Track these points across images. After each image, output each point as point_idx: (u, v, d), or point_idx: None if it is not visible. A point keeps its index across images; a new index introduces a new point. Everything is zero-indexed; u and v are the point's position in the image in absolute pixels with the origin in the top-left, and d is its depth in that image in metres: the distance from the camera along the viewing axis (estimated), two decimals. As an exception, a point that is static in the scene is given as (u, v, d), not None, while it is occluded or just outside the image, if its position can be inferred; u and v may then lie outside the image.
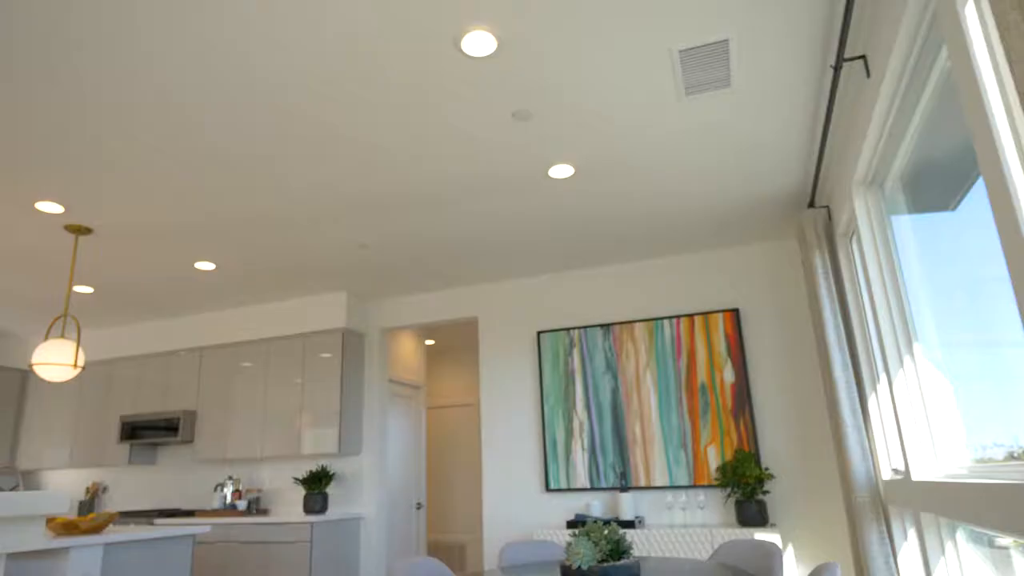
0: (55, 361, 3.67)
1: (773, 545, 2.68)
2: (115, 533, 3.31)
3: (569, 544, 2.48)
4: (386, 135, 3.07)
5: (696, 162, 3.47)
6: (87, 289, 5.14)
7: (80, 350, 3.79)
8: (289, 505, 5.40)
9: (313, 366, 5.34)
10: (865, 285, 3.43)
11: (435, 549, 7.06)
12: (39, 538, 2.71)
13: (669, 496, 4.30)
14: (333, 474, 5.13)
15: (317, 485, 5.02)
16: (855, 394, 3.38)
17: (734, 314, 4.51)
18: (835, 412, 3.50)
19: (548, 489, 4.66)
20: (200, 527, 3.78)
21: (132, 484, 6.10)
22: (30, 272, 4.71)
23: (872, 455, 3.37)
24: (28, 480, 6.69)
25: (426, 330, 6.18)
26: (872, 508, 3.20)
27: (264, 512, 5.33)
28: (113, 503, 6.11)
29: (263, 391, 5.46)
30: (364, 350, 5.59)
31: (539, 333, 5.01)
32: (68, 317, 4.18)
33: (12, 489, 6.37)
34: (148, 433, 5.63)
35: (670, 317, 4.67)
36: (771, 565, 2.63)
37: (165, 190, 3.54)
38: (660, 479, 4.39)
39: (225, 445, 5.46)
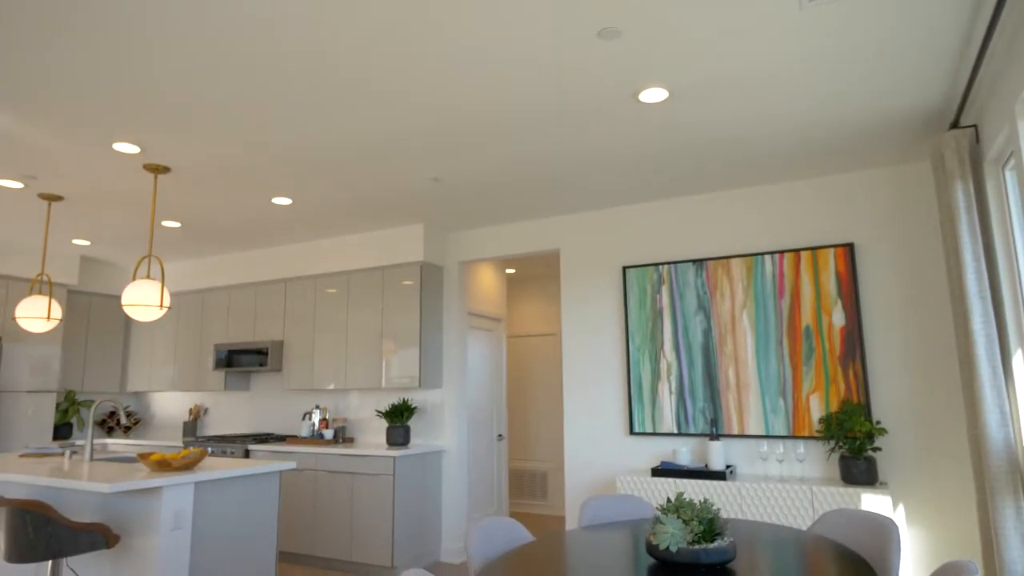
0: (142, 302, 3.73)
1: (890, 522, 2.37)
2: (205, 471, 3.41)
3: (656, 521, 2.28)
4: (460, 61, 2.74)
5: (816, 78, 2.94)
6: (174, 224, 5.22)
7: (165, 290, 3.83)
8: (373, 434, 5.53)
9: (392, 299, 5.29)
10: (1021, 223, 2.87)
11: (516, 477, 7.16)
12: (138, 479, 2.73)
13: (764, 446, 4.02)
14: (414, 407, 5.15)
15: (399, 418, 5.07)
16: (996, 350, 2.91)
17: (847, 249, 4.00)
18: (970, 368, 3.05)
19: (632, 432, 4.48)
20: (286, 463, 3.87)
21: (229, 408, 6.44)
22: (120, 209, 4.81)
23: (1013, 420, 2.92)
24: (139, 400, 7.21)
25: (507, 259, 5.97)
26: (1009, 479, 2.80)
27: (350, 441, 5.48)
28: (213, 425, 6.49)
29: (344, 323, 5.49)
30: (443, 283, 5.47)
31: (625, 268, 4.69)
32: (152, 257, 4.28)
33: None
34: (241, 361, 5.84)
35: (772, 252, 4.21)
36: (885, 546, 2.33)
37: (238, 128, 3.40)
38: (755, 427, 4.10)
39: (311, 375, 5.59)
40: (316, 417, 5.54)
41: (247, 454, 5.33)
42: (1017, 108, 2.48)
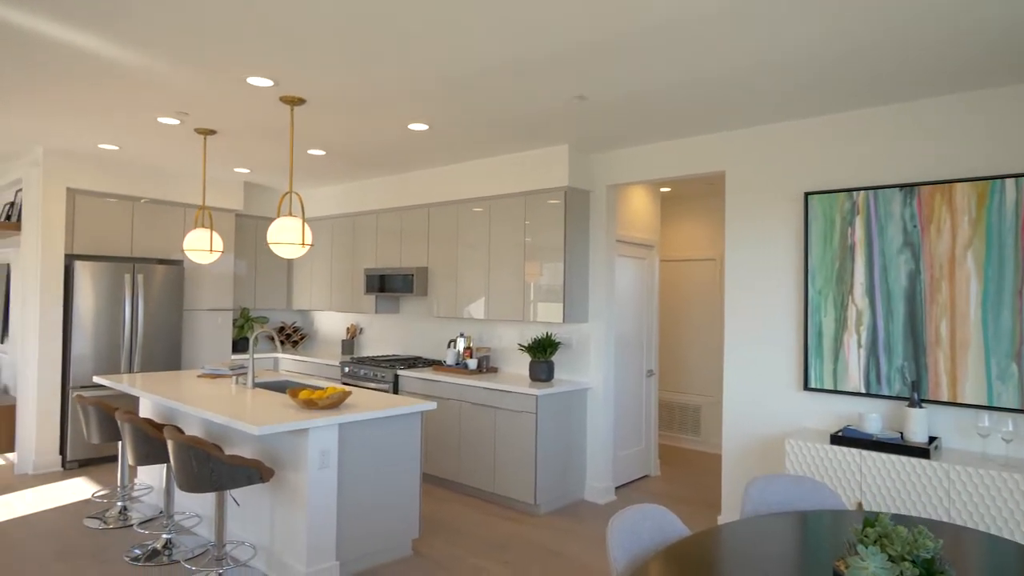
0: (284, 240, 3.71)
1: None
2: (348, 413, 3.41)
3: (850, 548, 1.80)
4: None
5: None
6: (319, 152, 5.20)
7: (307, 227, 3.78)
8: (517, 365, 5.38)
9: (535, 227, 4.94)
10: None
11: (666, 409, 6.79)
12: (285, 422, 2.64)
13: (985, 419, 3.25)
14: (558, 342, 4.89)
15: (542, 353, 4.84)
16: None
17: None
18: None
19: (807, 388, 3.87)
20: (427, 404, 3.80)
21: (381, 328, 6.63)
22: (267, 140, 4.83)
23: None
24: (304, 317, 7.69)
25: (661, 182, 5.30)
26: None
27: (493, 371, 5.39)
28: (368, 344, 6.75)
29: (486, 250, 5.26)
30: (589, 209, 5.01)
31: (807, 195, 3.91)
32: (293, 193, 4.30)
33: (292, 327, 7.36)
34: (389, 285, 5.90)
35: (1015, 176, 3.23)
36: None
37: (368, 56, 3.09)
38: (972, 395, 3.33)
39: (455, 303, 5.50)
40: (460, 345, 5.49)
41: (396, 379, 5.44)
42: None
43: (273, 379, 4.72)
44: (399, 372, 5.42)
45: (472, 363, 5.25)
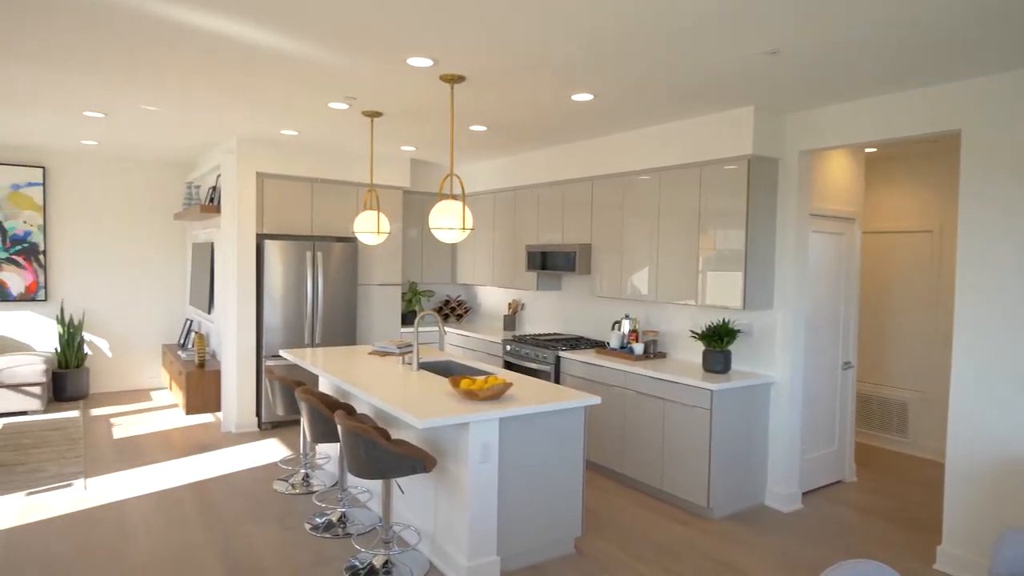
0: (445, 225, 3.61)
1: None
2: (509, 407, 3.26)
3: None
4: None
5: None
6: (481, 128, 5.06)
7: (467, 211, 3.64)
8: (688, 351, 4.94)
9: (712, 202, 4.42)
10: None
11: (864, 405, 5.95)
12: (446, 416, 2.50)
13: None
14: (737, 331, 4.37)
15: (718, 342, 4.37)
16: None
17: None
18: None
19: (1072, 404, 3.05)
20: (591, 399, 3.55)
21: (543, 305, 6.47)
22: (429, 119, 4.78)
23: None
24: (468, 291, 7.77)
25: (871, 144, 4.46)
26: None
27: (661, 357, 5.00)
28: (529, 321, 6.64)
29: (655, 228, 4.83)
30: (777, 179, 4.37)
31: (1083, 157, 3.02)
32: (454, 176, 4.22)
33: (456, 305, 7.46)
34: (551, 263, 5.70)
35: None
36: None
37: (531, 26, 2.83)
38: None
39: (619, 283, 5.16)
40: (626, 327, 5.16)
41: (558, 361, 5.26)
42: None
43: (437, 359, 4.74)
44: (561, 354, 5.23)
45: (638, 348, 4.90)
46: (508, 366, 5.85)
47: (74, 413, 6.35)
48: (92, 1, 2.66)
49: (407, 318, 7.10)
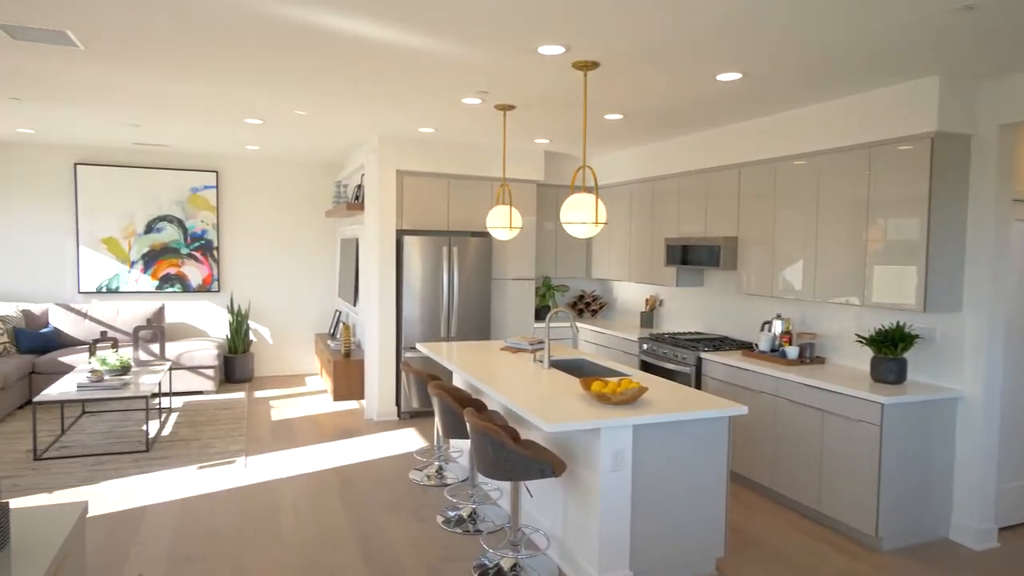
0: (578, 220, 3.44)
1: None
2: (643, 414, 3.03)
3: None
4: None
5: None
6: (616, 116, 4.82)
7: (600, 205, 3.45)
8: (852, 357, 4.39)
9: (883, 188, 3.86)
10: None
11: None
12: (576, 420, 2.37)
13: None
14: (914, 336, 3.79)
15: (890, 349, 3.81)
16: None
17: None
18: None
19: None
20: (737, 408, 3.22)
21: (682, 303, 6.10)
22: (561, 109, 4.62)
23: None
24: (603, 285, 7.54)
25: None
26: None
27: (819, 362, 4.48)
28: (668, 318, 6.29)
29: (814, 218, 4.33)
30: (969, 159, 3.72)
31: None
32: (587, 168, 3.99)
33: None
34: (692, 257, 5.33)
35: None
36: None
37: (669, 4, 2.59)
38: None
39: (770, 280, 4.69)
40: (777, 328, 4.69)
41: (699, 363, 4.90)
42: None
43: (569, 358, 4.59)
44: (703, 355, 4.87)
45: (792, 351, 4.43)
46: (644, 366, 5.57)
47: (240, 395, 6.98)
48: (250, 16, 2.79)
49: (540, 313, 7.02)
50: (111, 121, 5.46)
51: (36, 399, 4.69)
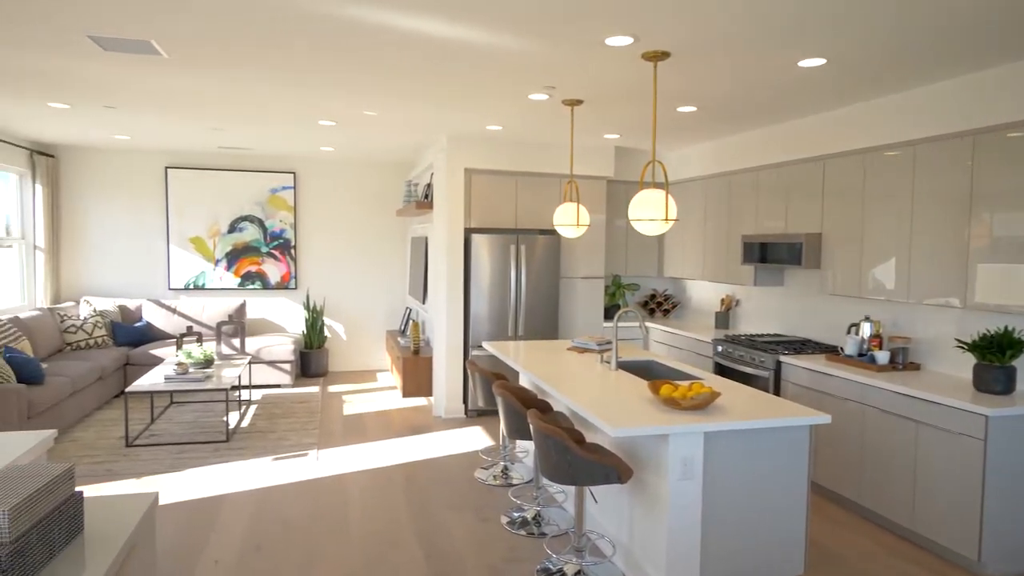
0: (646, 216, 3.30)
1: None
2: (715, 421, 2.87)
3: None
4: None
5: None
6: (689, 108, 4.63)
7: (670, 200, 3.30)
8: (951, 364, 4.03)
9: (989, 178, 3.51)
10: None
11: None
12: (643, 425, 2.25)
13: None
14: (1024, 341, 3.43)
15: (996, 355, 3.46)
16: None
17: None
18: None
19: None
20: (819, 417, 3.00)
21: (760, 303, 5.81)
22: (631, 102, 4.48)
23: None
24: (676, 284, 7.30)
25: None
26: None
27: (913, 368, 4.14)
28: (745, 319, 6.01)
29: (908, 212, 4.00)
30: (1090, 145, 3.33)
31: None
32: (656, 162, 3.82)
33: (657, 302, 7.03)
34: (771, 255, 5.06)
35: None
36: None
37: (728, -21, 2.43)
38: None
39: (858, 279, 4.38)
40: (866, 331, 4.37)
41: (778, 367, 4.64)
42: None
43: (638, 359, 4.45)
44: (782, 358, 4.60)
45: (882, 356, 4.11)
46: (719, 369, 5.34)
47: (315, 389, 7.19)
48: (322, 20, 2.83)
49: (610, 312, 6.87)
50: (196, 126, 5.73)
51: (128, 390, 4.98)
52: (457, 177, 6.04)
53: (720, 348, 5.31)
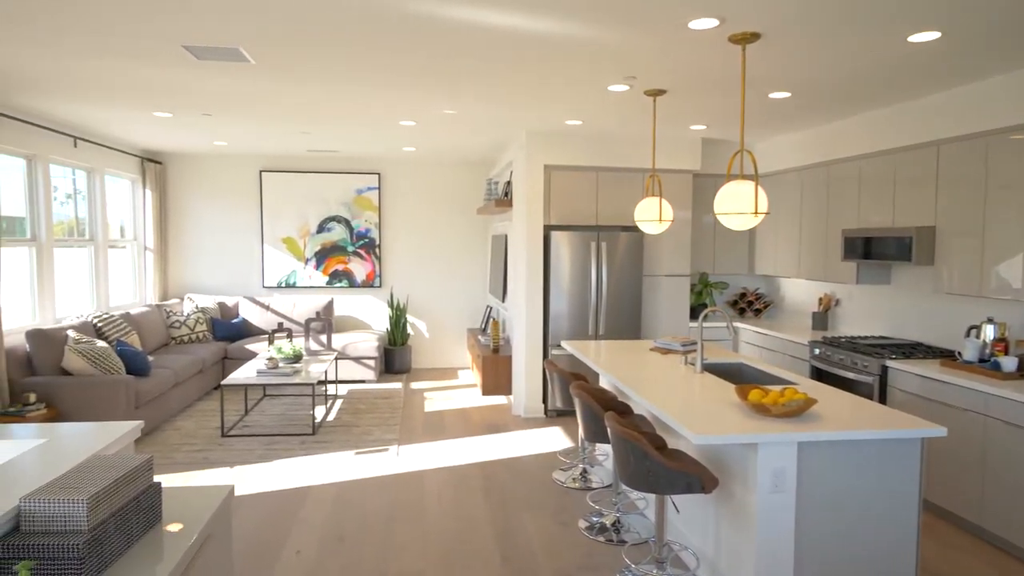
0: (733, 210, 3.10)
1: None
2: (810, 430, 2.63)
3: None
4: None
5: None
6: (783, 94, 4.33)
7: (760, 192, 3.08)
8: (1092, 373, 3.55)
9: None
10: None
11: None
12: (728, 433, 2.12)
13: None
14: None
15: None
16: None
17: None
18: None
19: None
20: (932, 430, 2.70)
21: (863, 303, 5.37)
22: (718, 89, 4.24)
23: None
24: (769, 283, 6.90)
25: None
26: None
27: (1046, 377, 3.68)
28: (845, 319, 5.58)
29: (1039, 203, 3.56)
30: None
31: None
32: (744, 152, 3.56)
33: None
34: (876, 251, 4.66)
35: None
36: None
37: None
38: None
39: (978, 277, 3.94)
40: (989, 334, 3.93)
41: (884, 372, 4.26)
42: None
43: (725, 361, 4.21)
44: (889, 363, 4.22)
45: (1008, 363, 3.68)
46: (816, 373, 4.98)
47: (397, 385, 7.33)
48: (402, 19, 2.83)
49: (696, 312, 6.59)
50: (286, 130, 5.96)
51: (223, 383, 5.24)
52: (536, 174, 5.97)
53: (817, 351, 4.95)
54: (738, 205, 3.09)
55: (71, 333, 5.01)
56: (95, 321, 5.61)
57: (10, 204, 5.20)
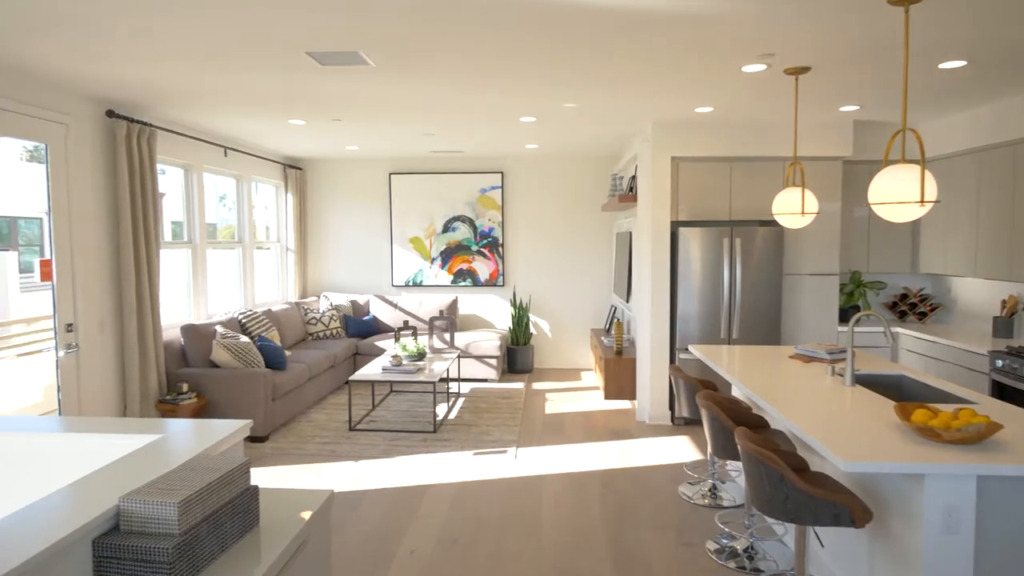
0: (895, 199, 2.65)
1: None
2: (992, 463, 2.17)
3: None
4: None
5: None
6: (956, 63, 3.70)
7: (928, 177, 2.61)
8: None
9: None
10: None
11: None
12: (885, 460, 1.84)
13: None
14: None
15: None
16: None
17: None
18: None
19: None
20: None
21: (1063, 307, 4.50)
22: (871, 62, 3.70)
23: None
24: (936, 283, 6.04)
25: None
26: None
27: None
28: (1039, 326, 4.72)
29: None
30: None
31: None
32: (908, 131, 3.01)
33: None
34: (1078, 246, 3.87)
35: None
36: None
37: None
38: None
39: None
40: None
41: (1090, 391, 3.52)
42: None
43: (882, 372, 3.67)
44: (1096, 381, 3.48)
45: None
46: (998, 390, 4.24)
47: (519, 385, 7.27)
48: (521, 10, 2.72)
49: (846, 315, 5.91)
50: (411, 132, 6.08)
51: (351, 378, 5.43)
52: (663, 167, 5.63)
53: (1001, 363, 4.21)
54: (899, 193, 2.64)
55: (219, 328, 5.42)
56: (240, 318, 6.05)
57: (172, 210, 5.74)
